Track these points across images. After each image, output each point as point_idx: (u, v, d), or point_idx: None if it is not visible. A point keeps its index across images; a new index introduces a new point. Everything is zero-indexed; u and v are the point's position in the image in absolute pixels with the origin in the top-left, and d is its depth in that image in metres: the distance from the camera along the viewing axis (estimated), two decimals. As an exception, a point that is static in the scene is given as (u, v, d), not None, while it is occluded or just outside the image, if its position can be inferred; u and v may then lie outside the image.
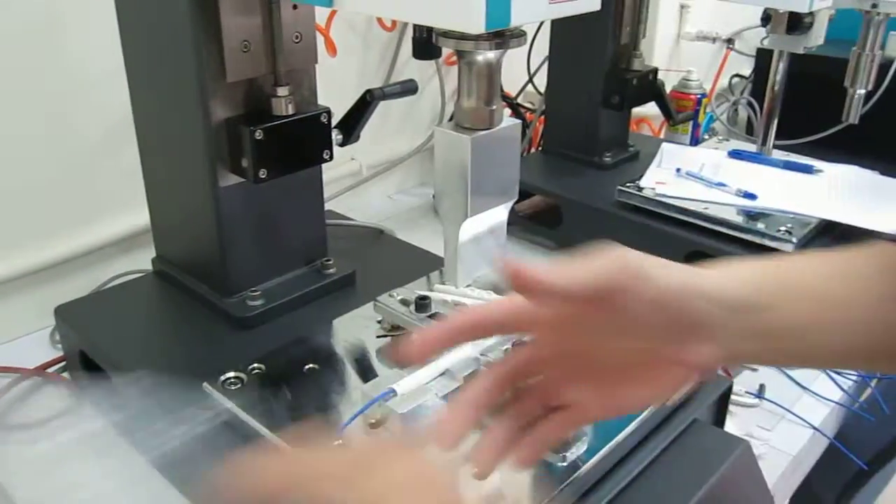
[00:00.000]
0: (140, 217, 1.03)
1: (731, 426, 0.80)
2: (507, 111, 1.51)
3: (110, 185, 1.05)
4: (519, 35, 0.60)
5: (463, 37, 0.59)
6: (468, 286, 0.77)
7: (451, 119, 0.67)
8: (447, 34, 0.60)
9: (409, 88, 0.90)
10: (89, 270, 1.07)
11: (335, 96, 0.91)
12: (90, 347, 0.86)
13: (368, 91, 0.87)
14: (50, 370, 0.94)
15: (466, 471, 0.49)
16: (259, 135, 0.77)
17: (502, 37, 0.59)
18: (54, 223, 1.03)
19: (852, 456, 0.79)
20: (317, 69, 0.86)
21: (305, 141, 0.83)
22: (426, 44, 0.68)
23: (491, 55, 0.61)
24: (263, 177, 0.79)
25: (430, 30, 0.63)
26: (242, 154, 0.79)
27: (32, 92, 0.96)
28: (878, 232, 1.07)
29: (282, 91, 0.79)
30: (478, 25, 0.53)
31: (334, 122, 0.87)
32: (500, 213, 0.69)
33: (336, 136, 0.86)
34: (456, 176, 0.64)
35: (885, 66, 1.44)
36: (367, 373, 0.75)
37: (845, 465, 0.90)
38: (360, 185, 1.39)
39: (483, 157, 0.64)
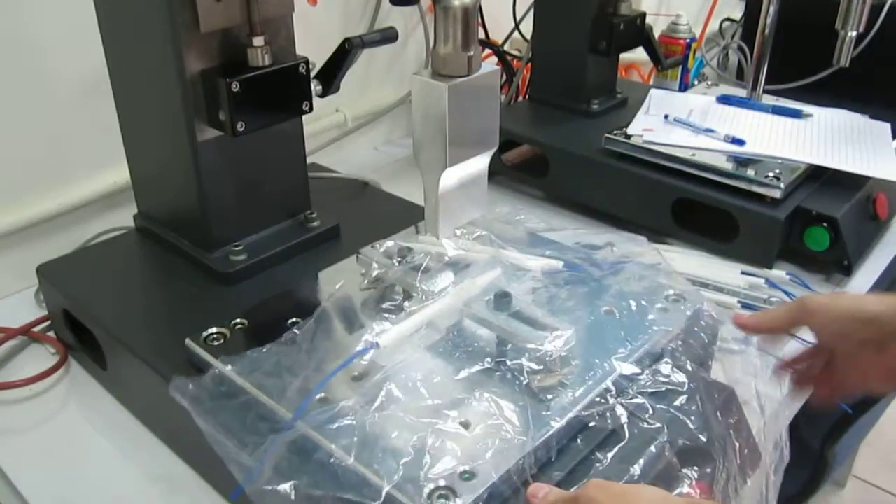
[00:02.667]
0: (121, 174, 1.02)
1: (717, 373, 0.80)
2: (494, 59, 1.48)
3: (90, 141, 1.04)
4: None
5: (437, -20, 0.57)
6: (451, 236, 0.77)
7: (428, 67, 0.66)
8: None
9: (388, 36, 0.88)
10: (71, 228, 1.06)
11: (317, 46, 0.90)
12: (73, 306, 0.86)
13: (347, 40, 0.85)
14: (35, 329, 0.94)
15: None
16: (235, 86, 0.76)
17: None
18: (34, 181, 1.01)
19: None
20: (297, 18, 0.84)
21: (284, 92, 0.81)
22: (403, -11, 0.66)
23: None
24: (241, 130, 0.78)
25: (406, -26, 0.61)
26: (219, 107, 0.77)
27: (4, 49, 0.94)
28: (867, 176, 1.06)
29: (257, 41, 0.77)
30: None
31: (314, 72, 0.85)
32: (480, 163, 0.67)
33: (315, 86, 0.85)
34: (434, 125, 0.62)
35: (877, 8, 1.42)
36: (351, 326, 0.74)
37: (831, 410, 0.91)
38: (346, 137, 1.38)
39: (461, 105, 0.62)
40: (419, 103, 0.63)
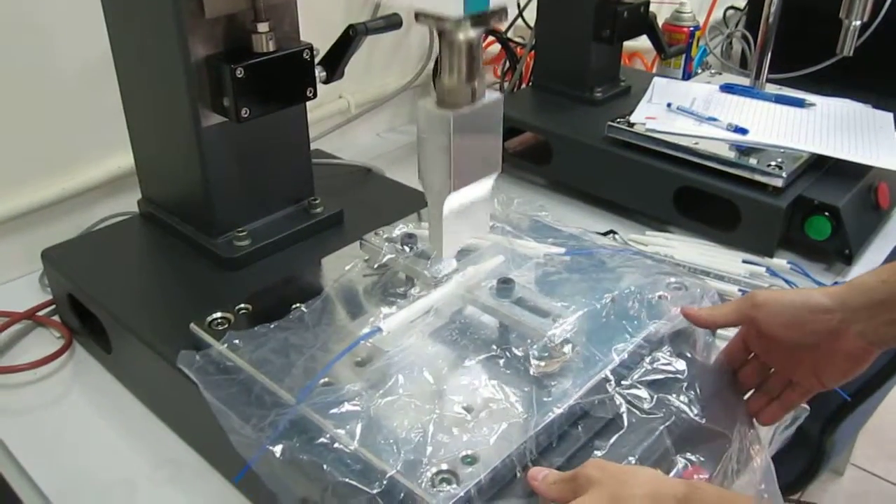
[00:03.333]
0: (125, 159, 1.02)
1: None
2: (498, 46, 1.48)
3: (94, 126, 1.04)
4: (499, 11, 0.59)
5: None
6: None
7: (434, 72, 0.67)
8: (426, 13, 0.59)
9: (393, 23, 0.88)
10: (76, 213, 1.06)
11: (321, 32, 0.90)
12: (78, 290, 0.86)
13: (351, 26, 0.85)
14: (40, 313, 0.94)
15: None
16: (240, 72, 0.76)
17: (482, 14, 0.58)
18: (39, 167, 1.02)
19: (836, 388, 0.80)
20: (300, 5, 0.84)
21: (288, 78, 0.81)
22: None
23: (471, 33, 0.61)
24: (246, 116, 0.78)
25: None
26: (224, 93, 0.77)
27: (8, 34, 0.94)
28: (869, 166, 1.06)
29: (262, 27, 0.78)
30: (456, 10, 0.55)
31: (318, 58, 0.86)
32: (483, 186, 0.69)
33: (319, 73, 0.85)
34: (439, 152, 0.64)
35: (881, -3, 1.41)
36: (354, 311, 0.75)
37: (830, 398, 0.91)
38: (349, 124, 1.38)
39: (465, 133, 0.64)
40: (424, 130, 0.65)
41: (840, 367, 0.67)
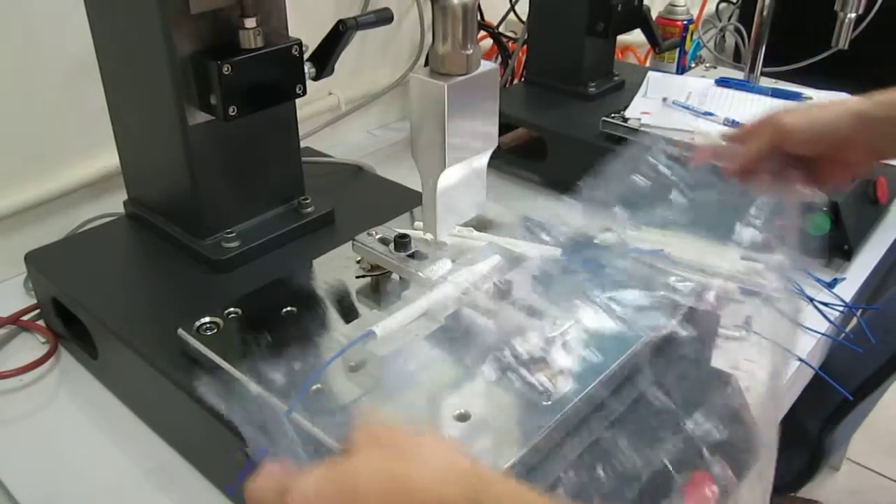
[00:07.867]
0: (111, 159, 1.00)
1: (717, 360, 0.80)
2: (489, 41, 1.46)
3: (78, 125, 1.02)
4: None
5: (436, -21, 0.56)
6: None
7: (426, 64, 0.64)
8: None
9: (383, 18, 0.86)
10: (61, 215, 1.04)
11: (310, 28, 0.88)
12: (63, 294, 0.84)
13: (341, 21, 0.83)
14: (24, 318, 0.92)
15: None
16: (227, 69, 0.74)
17: (477, -24, 0.56)
18: (22, 167, 0.99)
19: (837, 386, 0.79)
20: (289, -1, 0.82)
21: (276, 75, 0.79)
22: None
23: None
24: (234, 114, 0.76)
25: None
26: (210, 90, 0.75)
27: (-11, 28, 0.92)
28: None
29: (249, 22, 0.76)
30: None
31: (307, 54, 0.84)
32: (478, 161, 0.67)
33: (309, 69, 0.83)
34: (432, 124, 0.62)
35: (876, -11, 1.40)
36: (347, 314, 0.73)
37: (830, 396, 0.90)
38: (339, 121, 1.36)
39: (460, 104, 0.61)
40: (417, 103, 0.63)
41: (841, 174, 0.76)
